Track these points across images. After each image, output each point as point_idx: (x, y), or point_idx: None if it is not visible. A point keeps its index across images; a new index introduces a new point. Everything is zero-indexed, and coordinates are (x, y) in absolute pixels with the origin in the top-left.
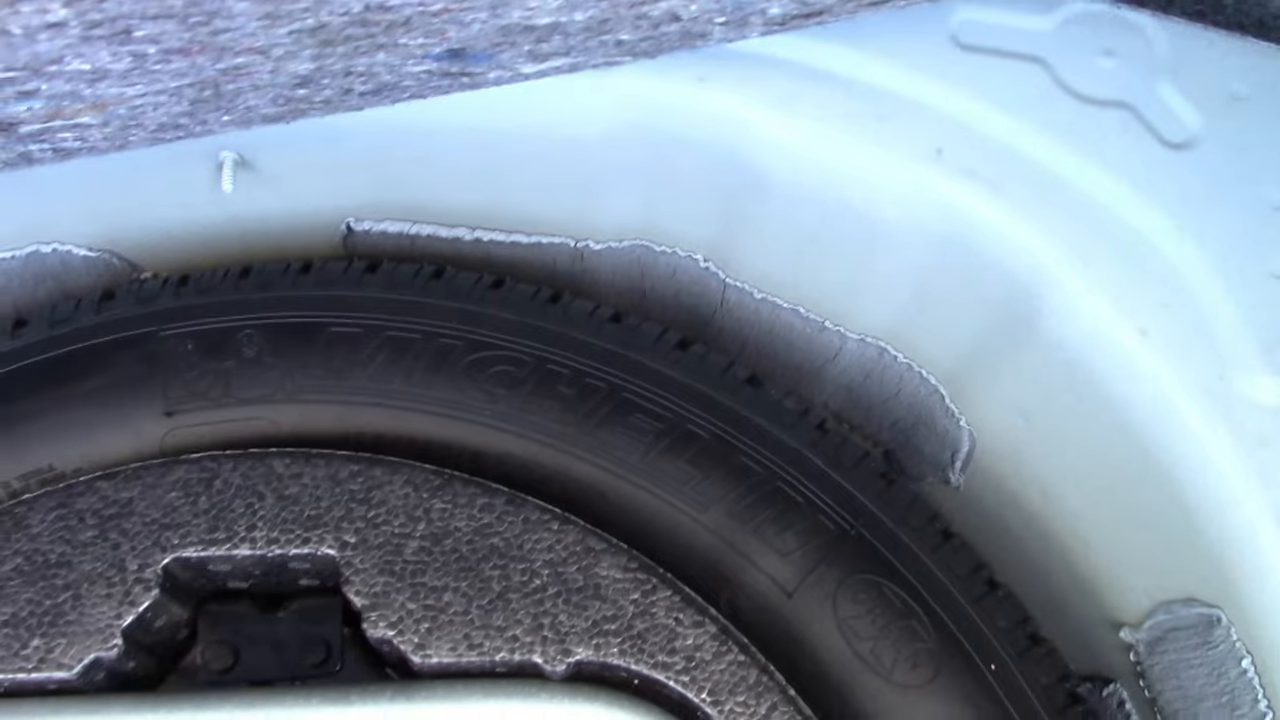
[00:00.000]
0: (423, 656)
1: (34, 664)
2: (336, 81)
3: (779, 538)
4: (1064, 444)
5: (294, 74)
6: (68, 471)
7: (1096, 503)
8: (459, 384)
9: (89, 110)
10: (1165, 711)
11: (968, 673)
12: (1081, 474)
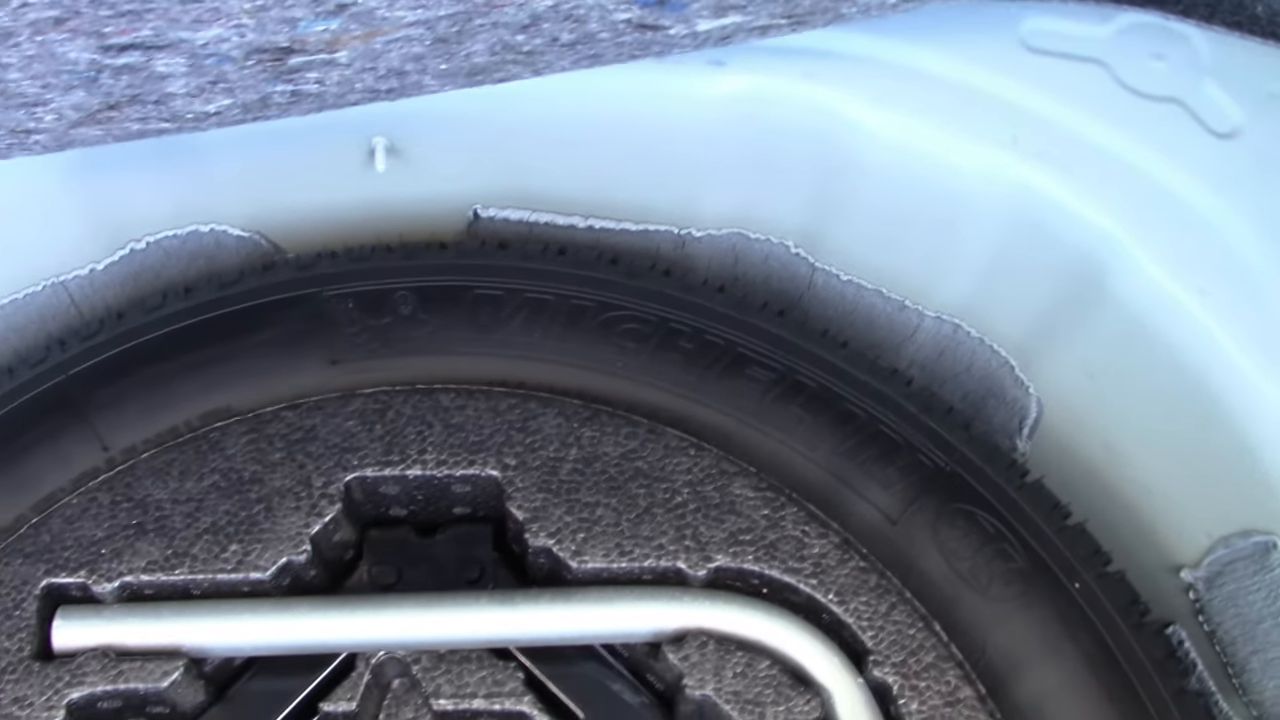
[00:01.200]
0: (579, 562)
1: (232, 566)
2: (550, 28)
3: (883, 473)
4: (1127, 399)
5: (519, 22)
6: (243, 412)
7: (1157, 452)
8: (591, 339)
9: (356, 39)
10: (1224, 642)
11: (1054, 590)
12: (1143, 426)
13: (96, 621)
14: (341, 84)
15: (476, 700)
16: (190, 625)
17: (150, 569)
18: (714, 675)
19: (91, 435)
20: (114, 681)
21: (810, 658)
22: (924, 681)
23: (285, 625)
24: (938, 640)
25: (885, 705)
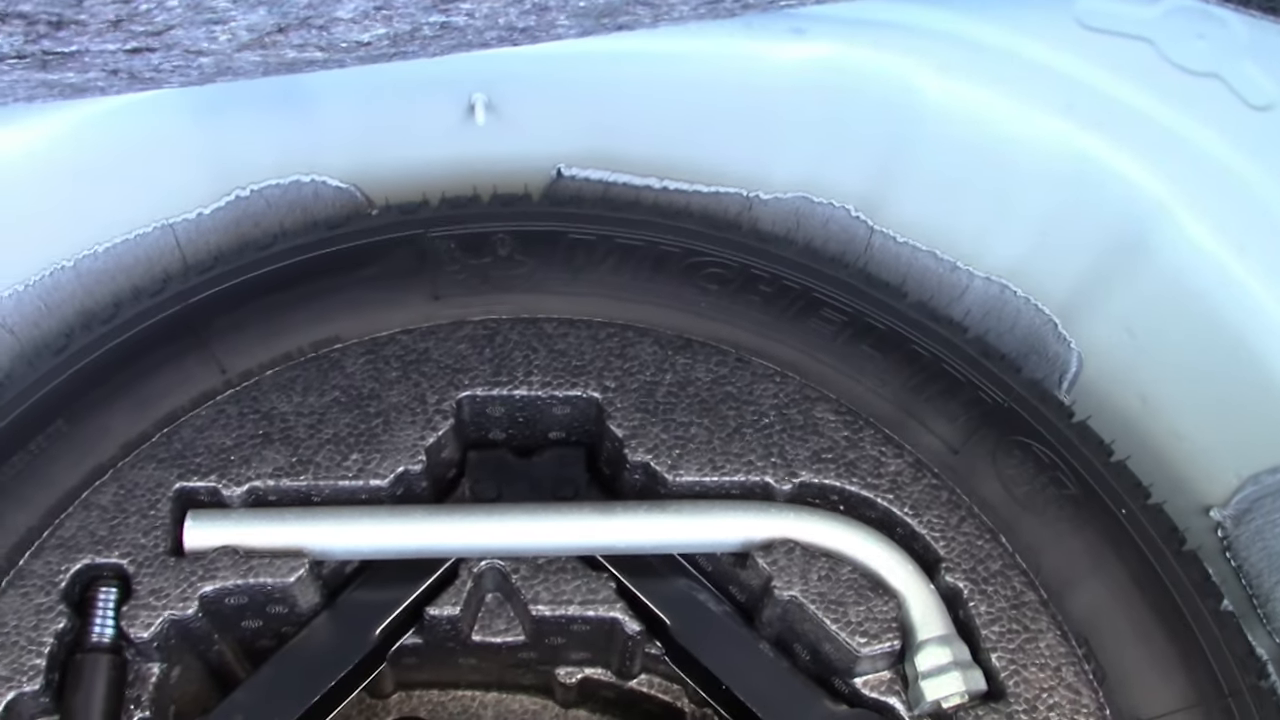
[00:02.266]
0: (675, 475)
1: (353, 474)
2: None
3: (946, 407)
4: (1164, 351)
5: None
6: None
7: (1191, 399)
8: (677, 281)
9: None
10: (1249, 575)
11: (1103, 515)
12: (1179, 375)
13: (225, 523)
14: (488, 18)
15: (571, 607)
16: (313, 528)
17: (276, 475)
18: (800, 578)
19: (211, 359)
20: (244, 576)
21: (887, 565)
22: (991, 586)
23: (400, 530)
24: (1003, 550)
25: (955, 609)
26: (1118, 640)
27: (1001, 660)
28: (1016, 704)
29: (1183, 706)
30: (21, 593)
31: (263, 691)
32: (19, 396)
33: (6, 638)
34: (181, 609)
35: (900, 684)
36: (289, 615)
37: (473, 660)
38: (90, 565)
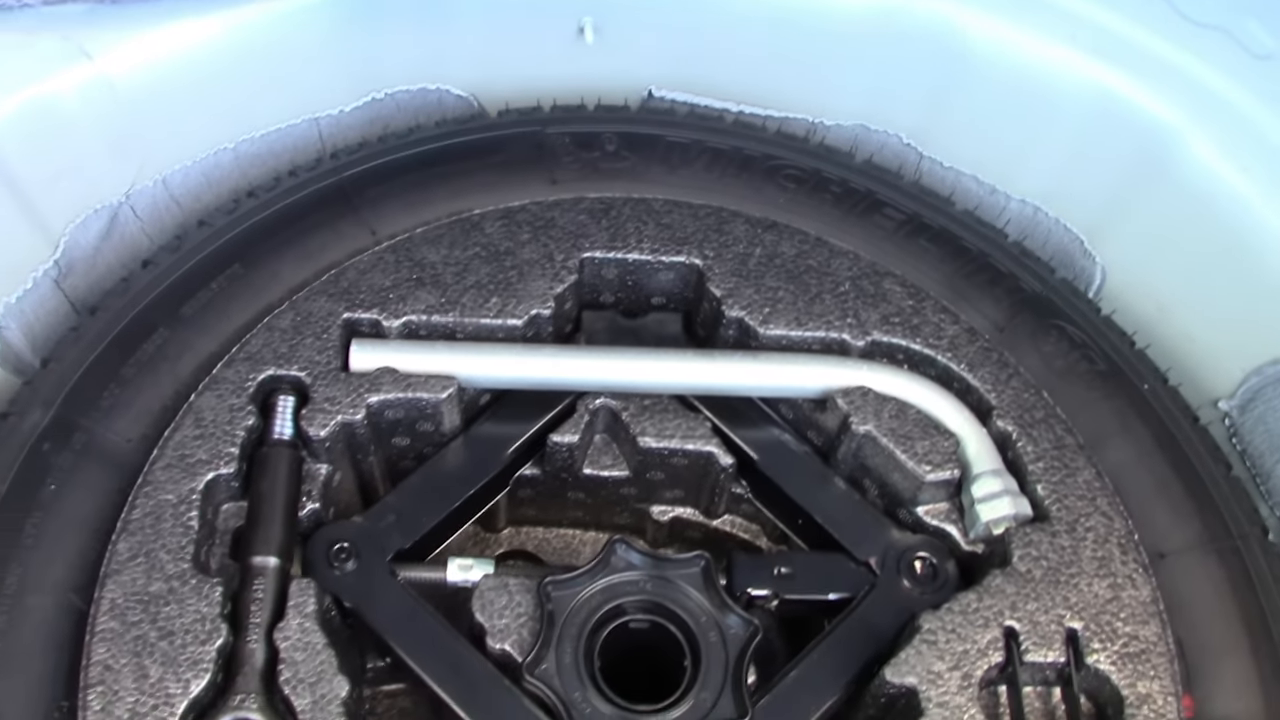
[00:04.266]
0: (765, 329)
1: (493, 314)
2: None
3: (991, 292)
4: (1178, 263)
5: None
6: None
7: (1202, 304)
8: (759, 181)
9: None
10: (1253, 457)
11: (1128, 388)
12: (1191, 284)
13: (385, 349)
14: None
15: (674, 440)
16: (459, 357)
17: (427, 311)
18: (874, 415)
19: (362, 223)
20: (403, 391)
21: (946, 411)
22: (1036, 431)
23: (532, 362)
24: (1046, 403)
25: (1005, 450)
26: (1141, 489)
27: (1045, 490)
28: (1059, 525)
29: (1197, 544)
30: (216, 395)
31: (411, 496)
32: (199, 245)
33: (205, 430)
34: (351, 414)
35: (957, 514)
36: (433, 434)
37: (580, 494)
38: (273, 376)
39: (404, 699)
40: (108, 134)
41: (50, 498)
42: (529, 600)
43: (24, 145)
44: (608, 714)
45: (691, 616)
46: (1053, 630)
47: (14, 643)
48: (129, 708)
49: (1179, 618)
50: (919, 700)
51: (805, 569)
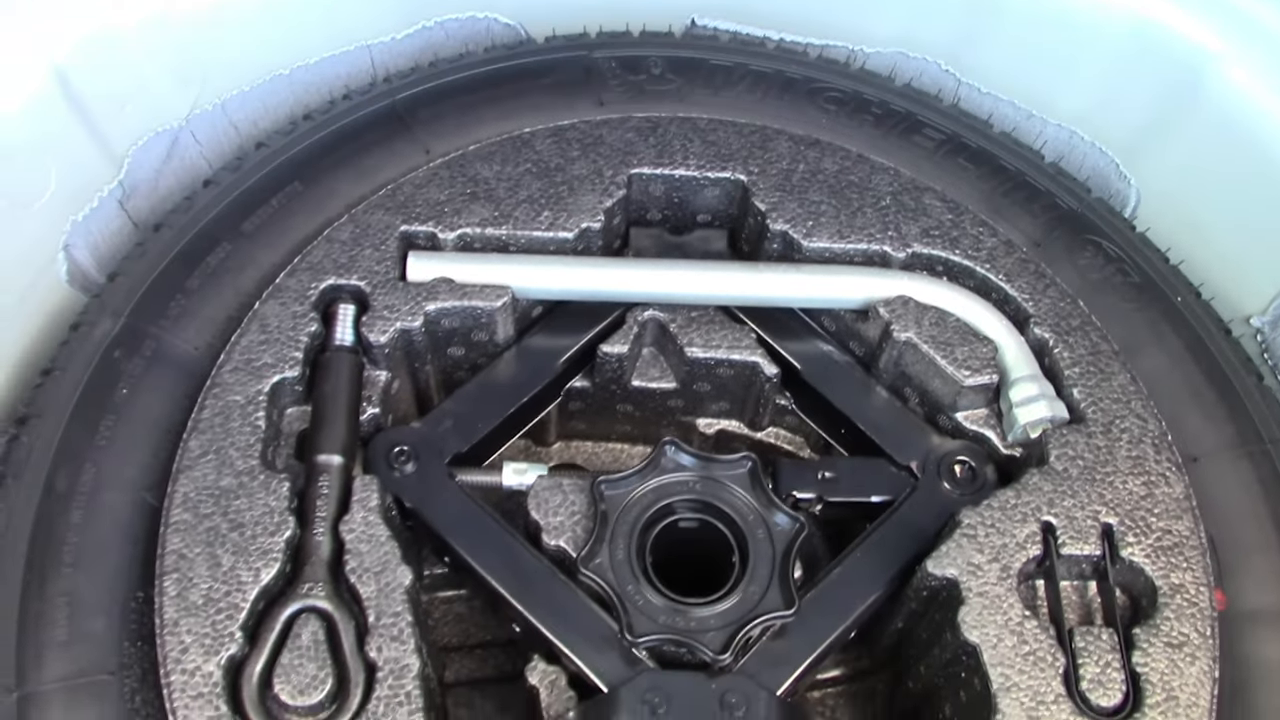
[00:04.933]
0: (808, 241)
1: (545, 227)
2: None
3: (1029, 209)
4: (1213, 184)
5: None
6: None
7: (1235, 225)
8: (801, 103)
9: None
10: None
11: (1162, 299)
12: (1223, 205)
13: (440, 260)
14: None
15: (720, 350)
16: (512, 268)
17: (481, 224)
18: (915, 323)
19: (417, 141)
20: (459, 299)
21: (985, 319)
22: (1072, 338)
23: (583, 273)
24: (1081, 311)
25: (1042, 357)
26: (1174, 395)
27: (1081, 394)
28: (1094, 427)
29: (1229, 447)
30: (280, 302)
31: (467, 402)
32: (259, 164)
33: (270, 335)
34: (409, 321)
35: (995, 419)
36: (487, 344)
37: (628, 407)
38: (334, 285)
39: (459, 605)
40: (169, 62)
41: (122, 401)
42: (582, 499)
43: (91, 72)
44: (660, 606)
45: (739, 514)
46: (1088, 525)
47: (91, 537)
48: (203, 593)
49: (1211, 517)
50: (959, 591)
51: (848, 473)
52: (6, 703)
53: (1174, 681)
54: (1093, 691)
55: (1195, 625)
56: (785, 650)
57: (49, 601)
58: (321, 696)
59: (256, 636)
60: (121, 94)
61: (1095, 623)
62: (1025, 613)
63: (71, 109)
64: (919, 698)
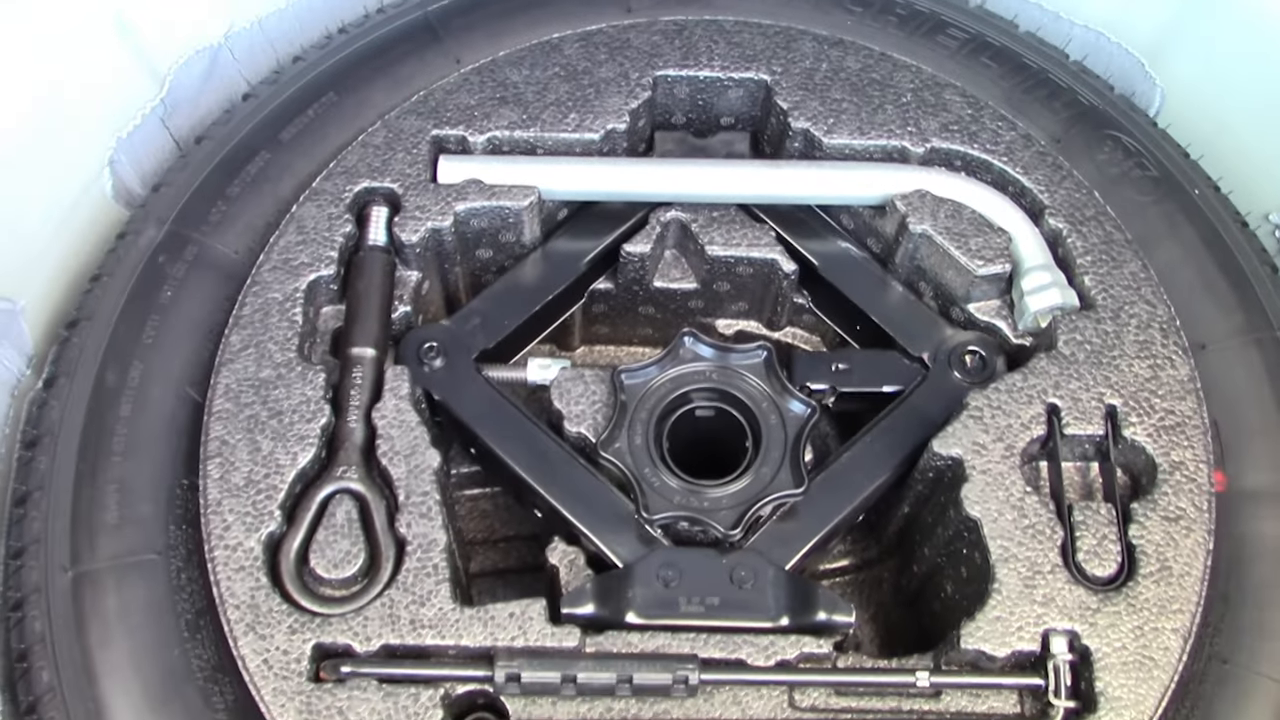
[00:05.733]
0: (829, 138)
1: (572, 128)
2: None
3: (1050, 105)
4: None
5: None
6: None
7: (1258, 123)
8: (826, 4)
9: None
10: None
11: (1179, 192)
12: (1246, 102)
13: (470, 163)
14: None
15: (739, 248)
16: (540, 169)
17: (510, 128)
18: (931, 216)
19: (448, 52)
20: (488, 199)
21: (1000, 210)
22: (1086, 228)
23: (608, 172)
24: (1097, 202)
25: (1055, 247)
26: (1187, 285)
27: (1092, 281)
28: (1103, 313)
29: (1237, 334)
30: (316, 205)
31: (493, 301)
32: (295, 76)
33: (307, 235)
34: (440, 221)
35: (1007, 310)
36: (514, 246)
37: (650, 309)
38: (368, 188)
39: (485, 502)
40: None
41: (167, 303)
42: (603, 390)
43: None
44: (675, 487)
45: (753, 401)
46: (1093, 406)
47: (139, 429)
48: (244, 476)
49: (1216, 402)
50: (964, 470)
51: (861, 364)
52: (63, 580)
53: (1169, 553)
54: (1089, 562)
55: (1192, 500)
56: (794, 530)
57: (100, 488)
58: (354, 570)
59: (294, 516)
60: (166, 17)
61: (1095, 499)
62: (1027, 489)
63: (119, 32)
64: (923, 579)
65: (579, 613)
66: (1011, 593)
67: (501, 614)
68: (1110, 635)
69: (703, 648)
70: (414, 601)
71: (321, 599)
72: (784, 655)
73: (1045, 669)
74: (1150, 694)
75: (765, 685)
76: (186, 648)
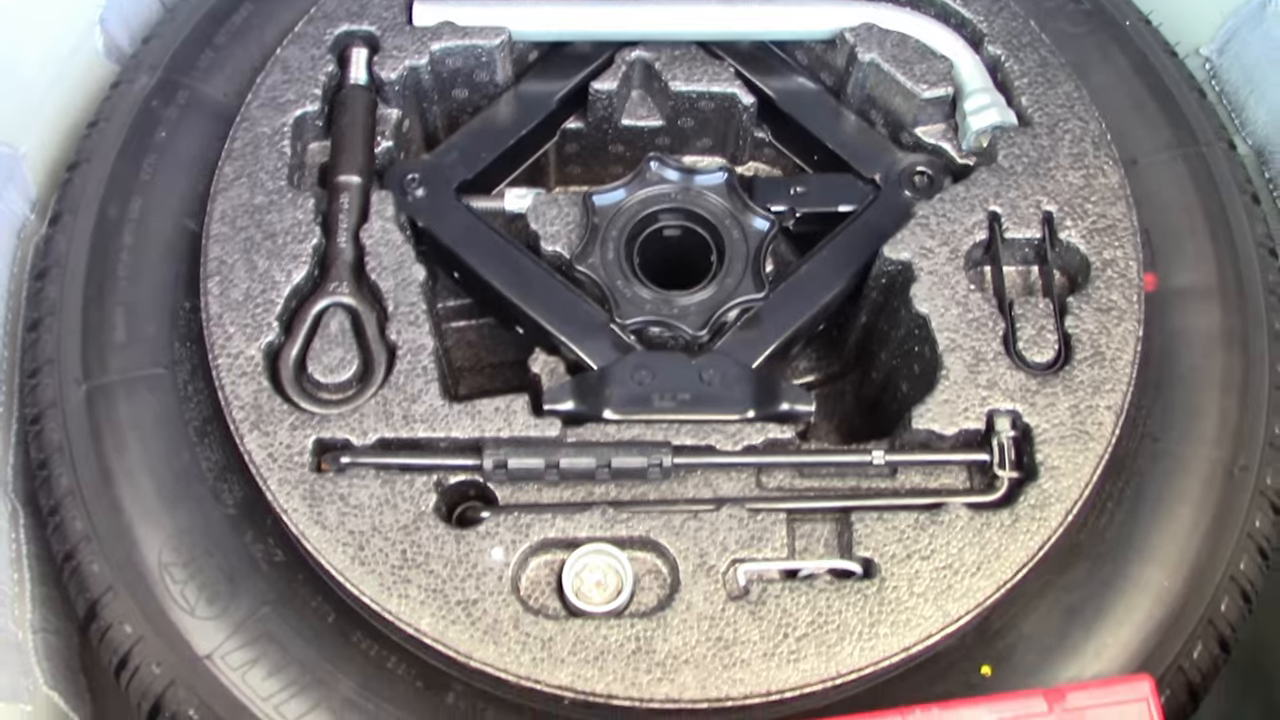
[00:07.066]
0: None
1: None
2: None
3: None
4: None
5: None
6: None
7: None
8: None
9: None
10: (1229, 95)
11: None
12: None
13: (444, 5)
14: None
15: (701, 84)
16: (509, 12)
17: None
18: (878, 45)
19: None
20: (461, 39)
21: (942, 39)
22: (1023, 54)
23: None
24: (1033, 29)
25: (995, 72)
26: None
27: (1029, 101)
28: (1039, 129)
29: (1166, 148)
30: (299, 47)
31: (470, 136)
32: None
33: (292, 75)
34: (417, 59)
35: (952, 133)
36: (488, 85)
37: (619, 147)
38: (348, 31)
39: (470, 333)
40: None
41: (162, 143)
42: (576, 212)
43: None
44: (647, 297)
45: (716, 218)
46: (1030, 213)
47: (142, 256)
48: (243, 291)
49: (1147, 212)
50: (913, 271)
51: (818, 186)
52: (78, 393)
53: (1101, 340)
54: (1028, 350)
55: (1123, 293)
56: (757, 335)
57: (108, 311)
58: (349, 375)
59: (291, 328)
60: None
61: (1034, 296)
62: (970, 288)
63: None
64: (880, 385)
65: (559, 408)
66: (958, 378)
67: (488, 408)
68: (1049, 413)
69: (675, 436)
70: (406, 399)
71: (320, 401)
72: (750, 441)
73: (990, 445)
74: (1087, 463)
75: (734, 468)
76: (195, 451)
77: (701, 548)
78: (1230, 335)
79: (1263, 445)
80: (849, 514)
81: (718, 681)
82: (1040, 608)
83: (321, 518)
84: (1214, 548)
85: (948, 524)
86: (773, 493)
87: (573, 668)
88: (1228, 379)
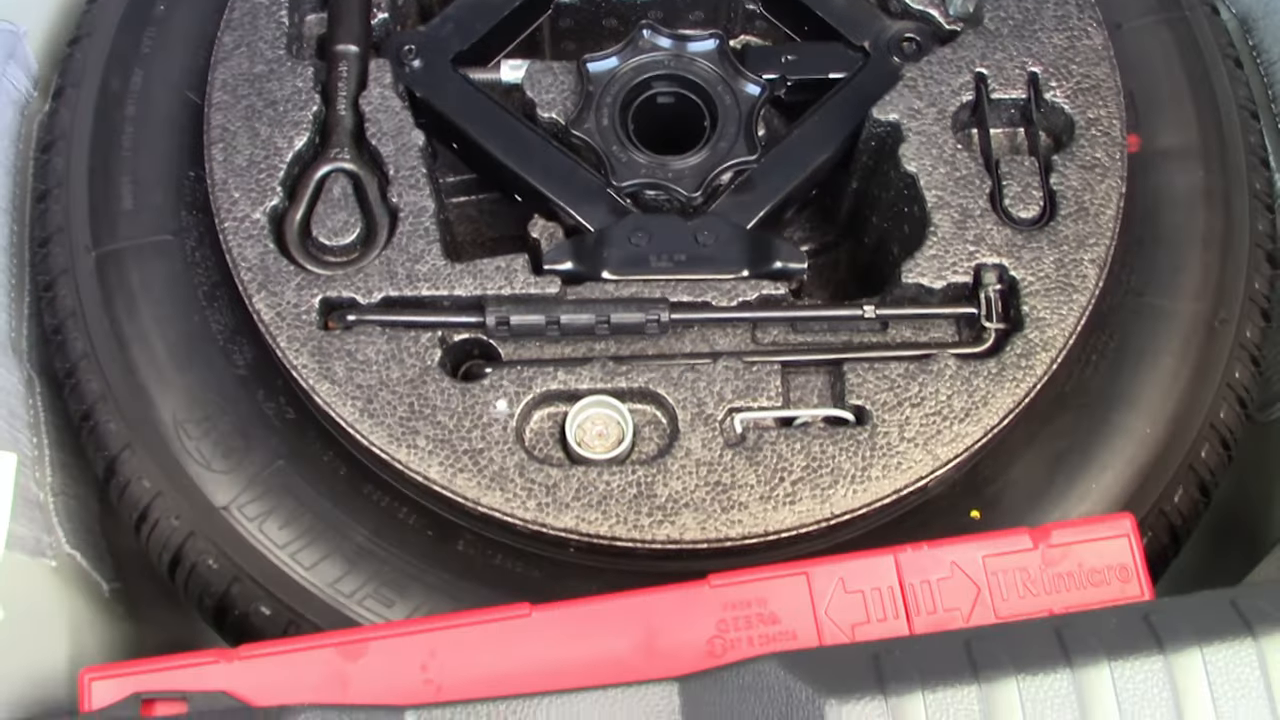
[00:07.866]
0: None
1: None
2: None
3: None
4: None
5: None
6: None
7: None
8: None
9: None
10: (1245, 19)
11: None
12: None
13: None
14: None
15: None
16: None
17: None
18: None
19: None
20: None
21: None
22: None
23: None
24: None
25: None
26: None
27: None
28: None
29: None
30: None
31: (465, 7)
32: None
33: None
34: None
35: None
36: None
37: (613, 21)
38: None
39: (471, 208)
40: None
41: (161, 16)
42: (571, 80)
43: None
44: (642, 161)
45: (708, 84)
46: (1016, 74)
47: (145, 128)
48: (246, 158)
49: (1131, 75)
50: (901, 132)
51: (809, 54)
52: (88, 260)
53: (1085, 196)
54: (1014, 206)
55: (1106, 151)
56: (751, 197)
57: (114, 181)
58: (353, 238)
59: (294, 194)
60: None
61: (1020, 155)
62: (958, 147)
63: None
64: (873, 250)
65: (559, 268)
66: (946, 234)
67: (489, 267)
68: (1034, 266)
69: (672, 293)
70: (409, 259)
71: (325, 264)
72: (745, 298)
73: (978, 298)
74: (1071, 314)
75: (729, 324)
76: (205, 314)
77: (699, 398)
78: (1212, 194)
79: (1243, 299)
80: (841, 365)
81: (716, 523)
82: (1027, 455)
83: (330, 373)
84: (1195, 397)
85: (937, 373)
86: (768, 348)
87: (577, 512)
88: (1209, 236)
